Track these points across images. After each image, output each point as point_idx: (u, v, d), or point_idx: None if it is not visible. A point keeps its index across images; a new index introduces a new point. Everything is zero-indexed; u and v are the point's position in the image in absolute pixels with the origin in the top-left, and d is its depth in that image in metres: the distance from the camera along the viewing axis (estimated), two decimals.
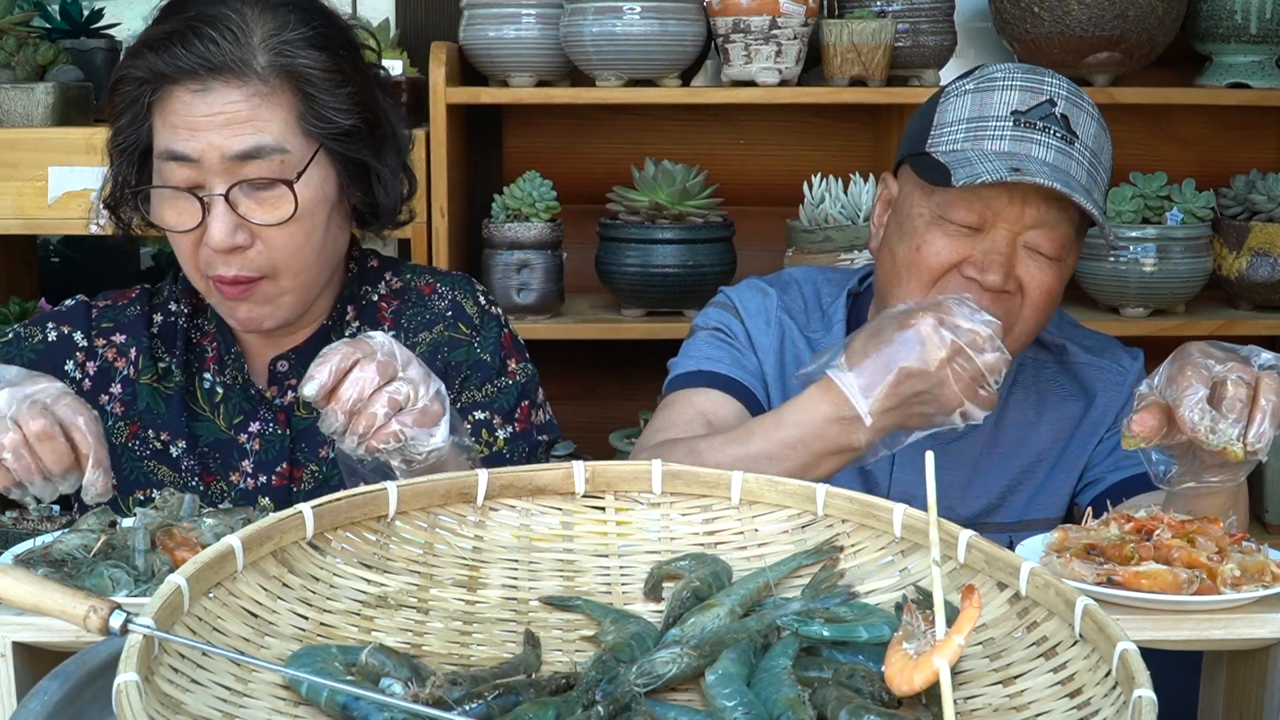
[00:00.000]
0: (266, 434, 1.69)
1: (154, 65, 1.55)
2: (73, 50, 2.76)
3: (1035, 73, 1.69)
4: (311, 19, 1.60)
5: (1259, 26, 2.66)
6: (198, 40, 1.54)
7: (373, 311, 1.75)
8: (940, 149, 1.67)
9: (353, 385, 1.35)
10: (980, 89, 1.69)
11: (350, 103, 1.60)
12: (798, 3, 2.53)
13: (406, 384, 1.36)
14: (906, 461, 1.77)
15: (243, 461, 1.69)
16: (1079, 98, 1.69)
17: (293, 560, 1.10)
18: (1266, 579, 1.27)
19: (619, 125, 2.94)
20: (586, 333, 2.68)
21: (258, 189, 1.56)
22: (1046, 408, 1.81)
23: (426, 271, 1.82)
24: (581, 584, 1.19)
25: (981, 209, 1.63)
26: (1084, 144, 1.66)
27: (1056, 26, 2.58)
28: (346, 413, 1.35)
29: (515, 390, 1.74)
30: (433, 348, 1.71)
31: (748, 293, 1.88)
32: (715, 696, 1.00)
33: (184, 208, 1.57)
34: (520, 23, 2.64)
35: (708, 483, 1.24)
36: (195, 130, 1.54)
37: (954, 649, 0.96)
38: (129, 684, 0.86)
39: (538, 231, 2.61)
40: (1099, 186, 1.68)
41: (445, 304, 1.76)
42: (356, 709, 0.96)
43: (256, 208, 1.56)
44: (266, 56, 1.55)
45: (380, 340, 1.39)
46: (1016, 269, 1.64)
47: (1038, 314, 1.67)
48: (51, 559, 1.26)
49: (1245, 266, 2.70)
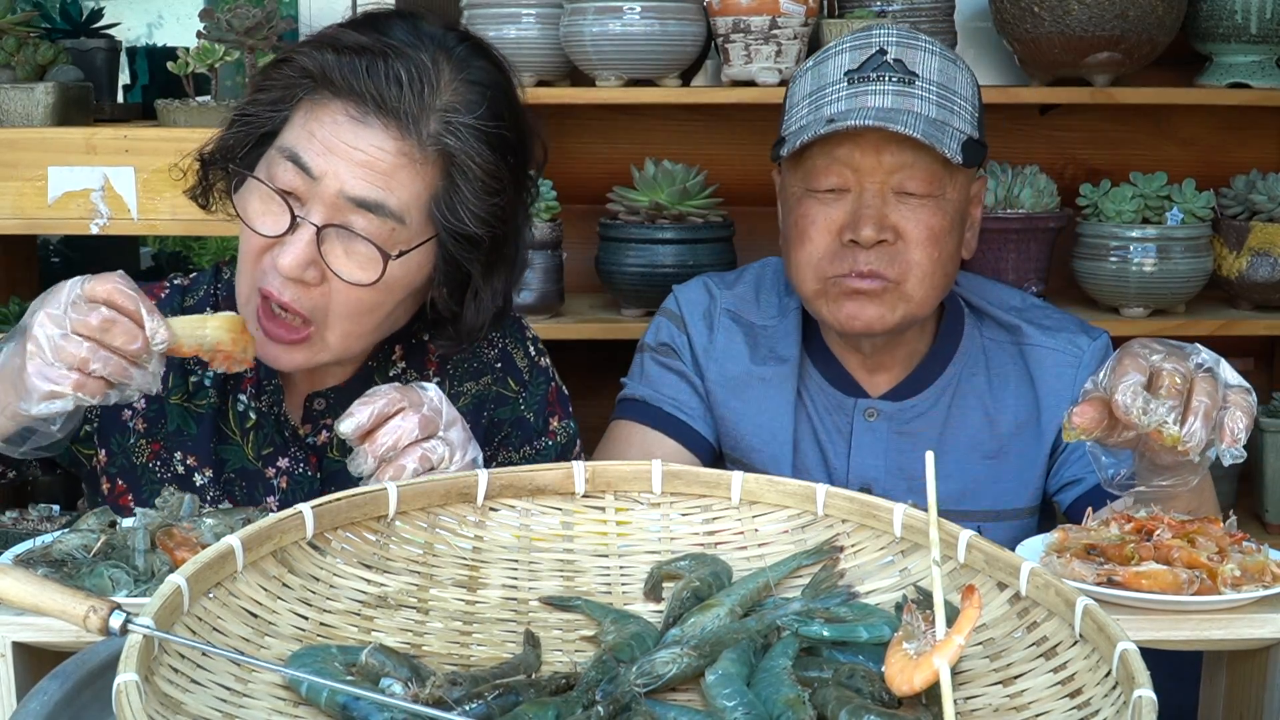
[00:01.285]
0: (295, 473, 1.61)
1: (328, 68, 1.44)
2: (73, 50, 2.76)
3: (865, 31, 1.73)
4: (500, 115, 1.50)
5: (1259, 26, 2.66)
6: (384, 71, 1.43)
7: (421, 353, 1.66)
8: (791, 128, 1.73)
9: (391, 433, 1.32)
10: (818, 62, 1.74)
11: (490, 213, 1.50)
12: (798, 3, 2.53)
13: (444, 445, 1.34)
14: (863, 445, 1.81)
15: (268, 497, 1.61)
16: (913, 40, 1.71)
17: (293, 560, 1.10)
18: (1266, 579, 1.27)
19: (619, 125, 2.94)
20: (586, 333, 2.67)
21: (353, 238, 1.44)
22: (1006, 392, 1.81)
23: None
24: (581, 584, 1.19)
25: (840, 169, 1.68)
26: (926, 80, 1.68)
27: (1056, 26, 2.58)
28: (378, 458, 1.33)
29: (554, 452, 1.71)
30: (478, 400, 1.66)
31: (694, 294, 1.92)
32: (715, 696, 1.00)
33: (274, 211, 1.45)
34: (520, 23, 2.64)
35: (708, 483, 1.24)
36: (331, 151, 1.43)
37: (954, 649, 0.96)
38: (129, 684, 0.86)
39: (538, 231, 2.61)
40: (960, 113, 1.69)
41: (495, 353, 1.70)
42: (356, 709, 0.96)
43: (342, 256, 1.45)
44: (438, 125, 1.45)
45: (431, 394, 1.36)
46: (891, 217, 1.68)
47: (926, 254, 1.68)
48: (51, 559, 1.26)
49: (1245, 266, 2.70)
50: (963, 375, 1.81)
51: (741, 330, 1.87)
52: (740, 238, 2.71)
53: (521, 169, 1.54)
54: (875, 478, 1.80)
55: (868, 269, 1.67)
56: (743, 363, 1.84)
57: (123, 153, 2.34)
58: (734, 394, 1.84)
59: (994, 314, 1.85)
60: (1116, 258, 2.65)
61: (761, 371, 1.83)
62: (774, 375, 1.83)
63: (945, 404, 1.81)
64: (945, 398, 1.81)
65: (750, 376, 1.84)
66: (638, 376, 1.90)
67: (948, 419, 1.80)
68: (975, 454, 1.80)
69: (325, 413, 1.62)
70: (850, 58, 1.70)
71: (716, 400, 1.85)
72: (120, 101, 3.05)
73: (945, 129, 1.66)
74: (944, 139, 1.64)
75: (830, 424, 1.82)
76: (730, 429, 1.85)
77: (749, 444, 1.83)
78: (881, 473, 1.80)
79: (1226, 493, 2.79)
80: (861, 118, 1.62)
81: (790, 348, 1.83)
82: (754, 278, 1.92)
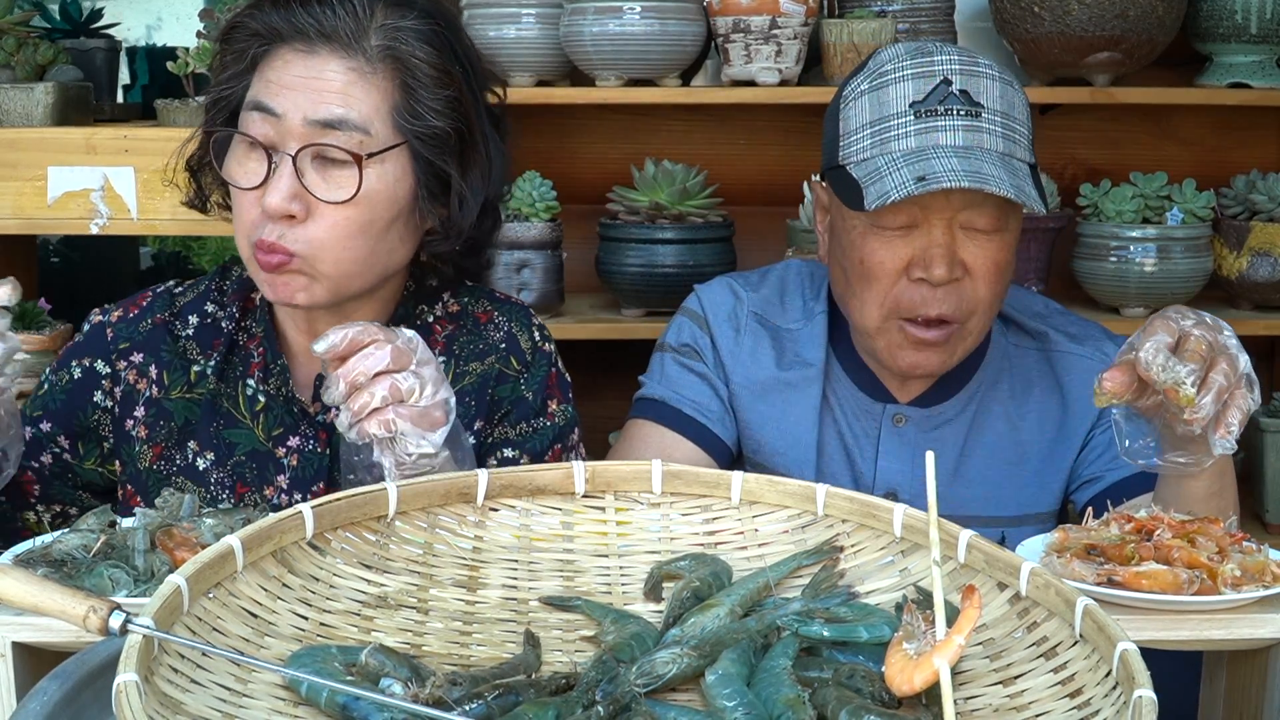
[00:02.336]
0: (306, 450, 1.65)
1: (270, 20, 1.54)
2: (73, 50, 2.76)
3: (923, 54, 1.67)
4: (434, 18, 1.59)
5: (1259, 26, 2.66)
6: (318, 4, 1.53)
7: (426, 333, 1.69)
8: (852, 160, 1.67)
9: (361, 359, 1.34)
10: (875, 87, 1.68)
11: (447, 105, 1.57)
12: (798, 3, 2.53)
13: (414, 379, 1.35)
14: (890, 451, 1.79)
15: (278, 476, 1.65)
16: (974, 65, 1.67)
17: (293, 560, 1.10)
18: (1266, 579, 1.27)
19: (619, 125, 2.95)
20: (586, 333, 2.67)
21: (328, 165, 1.52)
22: (1030, 399, 1.81)
23: (485, 297, 1.76)
24: (581, 584, 1.19)
25: (910, 209, 1.64)
26: (991, 110, 1.65)
27: (1056, 26, 2.58)
28: (349, 383, 1.34)
29: (551, 433, 1.71)
30: (482, 379, 1.68)
31: (720, 296, 1.88)
32: (715, 696, 1.00)
33: (252, 163, 1.54)
34: (520, 22, 2.64)
35: (708, 483, 1.24)
36: (287, 88, 1.52)
37: (954, 649, 0.96)
38: (129, 684, 0.86)
39: (538, 231, 2.61)
40: (1019, 142, 1.67)
41: (501, 335, 1.72)
42: (356, 709, 0.96)
43: (321, 181, 1.52)
44: (379, 38, 1.54)
45: (408, 334, 1.38)
46: (959, 253, 1.65)
47: (991, 289, 1.68)
48: (51, 559, 1.26)
49: (1245, 266, 2.70)
50: (988, 381, 1.81)
51: (768, 334, 1.84)
52: (740, 238, 2.71)
53: (466, 60, 1.62)
54: (901, 484, 1.79)
55: (936, 314, 1.66)
56: (769, 367, 1.82)
57: (122, 153, 2.35)
58: (759, 398, 1.82)
59: (1020, 320, 1.84)
60: (1116, 258, 2.65)
61: (788, 376, 1.81)
62: (800, 380, 1.81)
63: (972, 410, 1.80)
64: (972, 404, 1.80)
65: (776, 381, 1.82)
66: (657, 376, 1.87)
67: (973, 424, 1.80)
68: (999, 459, 1.80)
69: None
70: (914, 87, 1.65)
71: (740, 404, 1.83)
72: (120, 101, 3.05)
73: (1012, 164, 1.64)
74: (1022, 183, 1.62)
75: (858, 429, 1.81)
76: (753, 433, 1.83)
77: (772, 448, 1.81)
78: (908, 479, 1.79)
79: None
80: (946, 172, 1.59)
81: (816, 351, 1.82)
82: (778, 280, 1.90)
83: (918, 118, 1.64)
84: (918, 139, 1.63)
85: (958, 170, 1.59)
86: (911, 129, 1.64)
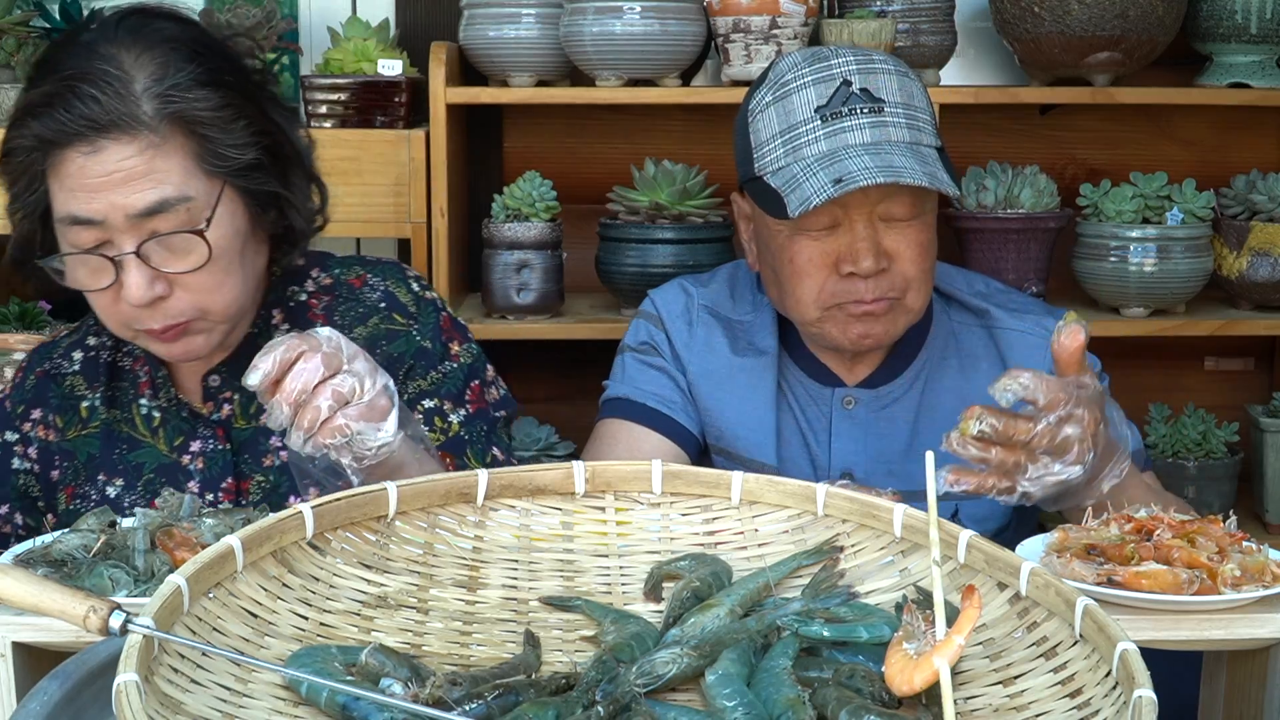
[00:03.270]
0: (209, 451, 1.67)
1: (39, 132, 1.49)
2: None
3: (820, 59, 1.74)
4: (194, 56, 1.54)
5: (1259, 26, 2.66)
6: (78, 101, 1.47)
7: (302, 311, 1.71)
8: (768, 170, 1.74)
9: (297, 377, 1.33)
10: (779, 97, 1.74)
11: (247, 135, 1.55)
12: (798, 3, 2.53)
13: (352, 377, 1.35)
14: (843, 433, 1.85)
15: (189, 483, 1.66)
16: (869, 63, 1.73)
17: (293, 560, 1.10)
18: (1266, 579, 1.27)
19: (619, 125, 2.94)
20: (586, 333, 2.67)
21: (168, 239, 1.51)
22: (978, 374, 1.85)
23: (355, 263, 1.78)
24: (581, 584, 1.19)
25: (831, 210, 1.71)
26: (893, 104, 1.72)
27: (1056, 26, 2.58)
28: (291, 404, 1.33)
29: (462, 372, 1.72)
30: (370, 341, 1.69)
31: (672, 295, 1.96)
32: (715, 696, 1.00)
33: (95, 267, 1.52)
34: (520, 23, 2.64)
35: (708, 483, 1.24)
36: (94, 192, 1.48)
37: (954, 649, 0.96)
38: (129, 684, 0.86)
39: (538, 231, 2.61)
40: (923, 129, 1.74)
41: (378, 295, 1.73)
42: (356, 709, 0.96)
43: (170, 257, 1.51)
44: (152, 105, 1.49)
45: (326, 334, 1.37)
46: (883, 243, 1.72)
47: (919, 269, 1.74)
48: (51, 559, 1.26)
49: (1245, 266, 2.70)
50: (934, 359, 1.87)
51: (720, 325, 1.91)
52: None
53: (244, 80, 1.59)
54: (856, 464, 1.84)
55: (871, 298, 1.73)
56: (724, 355, 1.89)
57: None
58: (717, 386, 1.88)
59: (961, 298, 1.90)
60: (1116, 258, 2.65)
61: (743, 363, 1.88)
62: (755, 366, 1.87)
63: (919, 388, 1.86)
64: (919, 382, 1.86)
65: (732, 368, 1.88)
66: (619, 377, 1.94)
67: (922, 402, 1.85)
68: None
69: (223, 386, 1.68)
70: (816, 92, 1.71)
71: (700, 393, 1.89)
72: None
73: (920, 151, 1.71)
74: (933, 169, 1.69)
75: (812, 414, 1.87)
76: (714, 420, 1.88)
77: (733, 434, 1.87)
78: (862, 458, 1.85)
79: (1227, 493, 2.79)
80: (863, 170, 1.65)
81: (768, 340, 1.88)
82: (727, 276, 1.97)
83: (824, 121, 1.71)
84: (828, 142, 1.70)
85: (871, 168, 1.65)
86: (820, 133, 1.70)
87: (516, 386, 3.05)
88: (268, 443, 1.66)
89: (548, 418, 2.82)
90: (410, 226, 2.57)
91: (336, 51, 2.66)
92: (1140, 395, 2.90)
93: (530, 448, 2.69)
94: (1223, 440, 2.78)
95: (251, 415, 1.66)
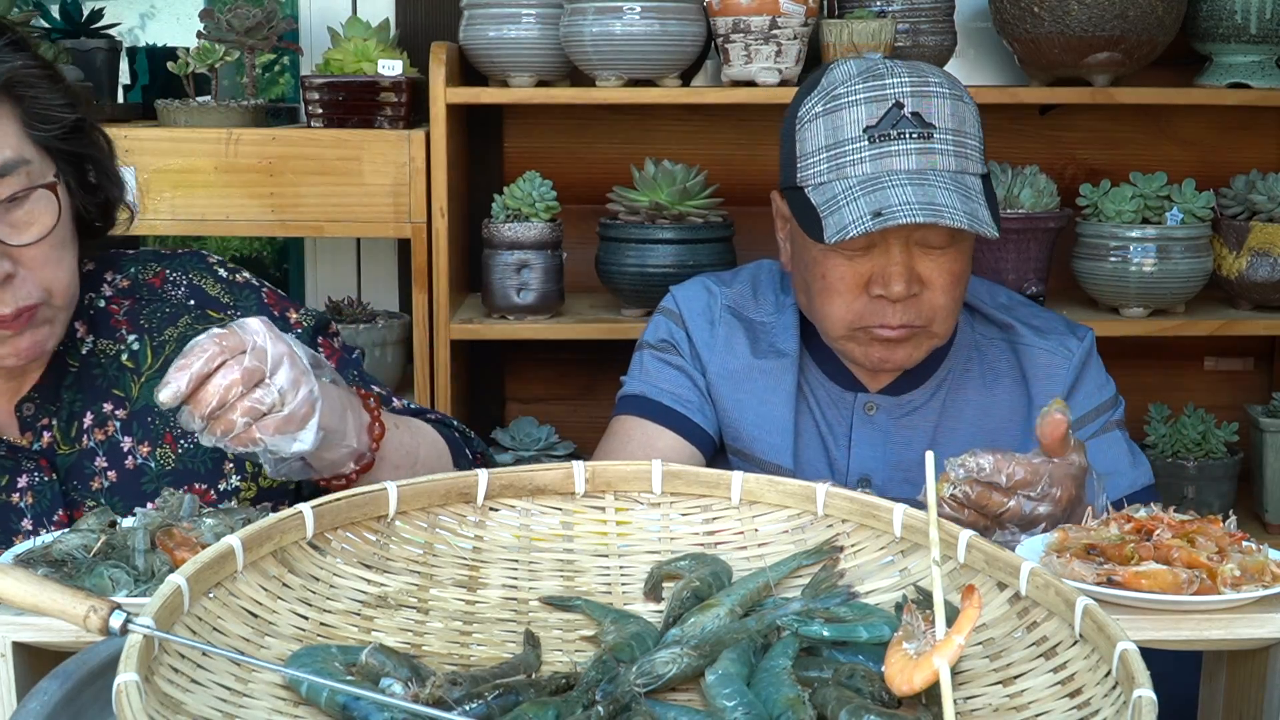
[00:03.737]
0: (36, 485, 1.57)
1: None
2: (73, 50, 2.76)
3: (875, 76, 1.71)
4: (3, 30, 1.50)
5: (1259, 26, 2.66)
6: None
7: (105, 319, 1.62)
8: (810, 183, 1.72)
9: (214, 393, 1.29)
10: (829, 110, 1.72)
11: (66, 97, 1.51)
12: (798, 3, 2.53)
13: (273, 392, 1.31)
14: (863, 439, 1.84)
15: (21, 521, 1.57)
16: (924, 85, 1.71)
17: (293, 560, 1.10)
18: (1266, 579, 1.27)
19: (619, 125, 2.94)
20: (586, 333, 2.67)
21: (7, 211, 1.45)
22: (1000, 388, 1.85)
23: (151, 259, 1.68)
24: (581, 584, 1.19)
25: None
26: (944, 129, 1.69)
27: (1056, 26, 2.58)
28: (205, 418, 1.30)
29: (308, 336, 1.65)
30: (184, 341, 1.56)
31: (694, 293, 1.94)
32: (715, 696, 1.00)
33: None
34: (520, 23, 2.64)
35: (708, 483, 1.24)
36: None
37: (954, 649, 0.96)
38: (129, 684, 0.86)
39: (538, 231, 2.61)
40: (971, 156, 1.72)
41: (183, 292, 1.65)
42: (356, 709, 0.96)
43: (12, 230, 1.45)
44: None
45: (254, 331, 1.32)
46: (916, 267, 1.71)
47: (950, 297, 1.73)
48: (51, 559, 1.26)
49: (1245, 266, 2.70)
50: (957, 370, 1.86)
51: (742, 325, 1.90)
52: (740, 238, 2.71)
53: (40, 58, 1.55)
54: (875, 470, 1.84)
55: (898, 324, 1.72)
56: (744, 356, 1.87)
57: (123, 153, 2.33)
58: (736, 386, 1.87)
59: (985, 310, 1.89)
60: (1116, 258, 2.65)
61: (763, 364, 1.87)
62: (775, 368, 1.86)
63: (941, 398, 1.85)
64: (941, 391, 1.85)
65: (752, 369, 1.87)
66: (637, 374, 1.92)
67: (943, 412, 1.85)
68: (969, 446, 1.82)
69: (39, 413, 1.59)
70: (867, 111, 1.69)
71: (719, 393, 1.87)
72: (120, 101, 3.05)
73: (964, 182, 1.69)
74: (975, 206, 1.66)
75: (832, 417, 1.86)
76: (732, 421, 1.87)
77: (751, 435, 1.86)
78: (881, 465, 1.84)
79: (1226, 493, 2.79)
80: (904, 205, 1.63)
81: (790, 342, 1.87)
82: (750, 277, 1.96)
83: (871, 143, 1.69)
84: (872, 164, 1.68)
85: (912, 203, 1.63)
86: (866, 154, 1.69)
87: (517, 386, 3.07)
88: (93, 465, 1.58)
89: (548, 418, 2.82)
90: (410, 226, 2.57)
91: (336, 51, 2.66)
92: (1140, 395, 2.90)
93: (530, 448, 2.69)
94: (1222, 440, 2.78)
95: (73, 439, 1.58)
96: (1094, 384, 1.85)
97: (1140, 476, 1.81)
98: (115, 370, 1.61)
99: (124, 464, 1.58)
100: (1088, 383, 1.84)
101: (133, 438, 1.59)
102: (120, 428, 1.59)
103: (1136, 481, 1.80)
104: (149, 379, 1.60)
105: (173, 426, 1.59)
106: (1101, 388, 1.85)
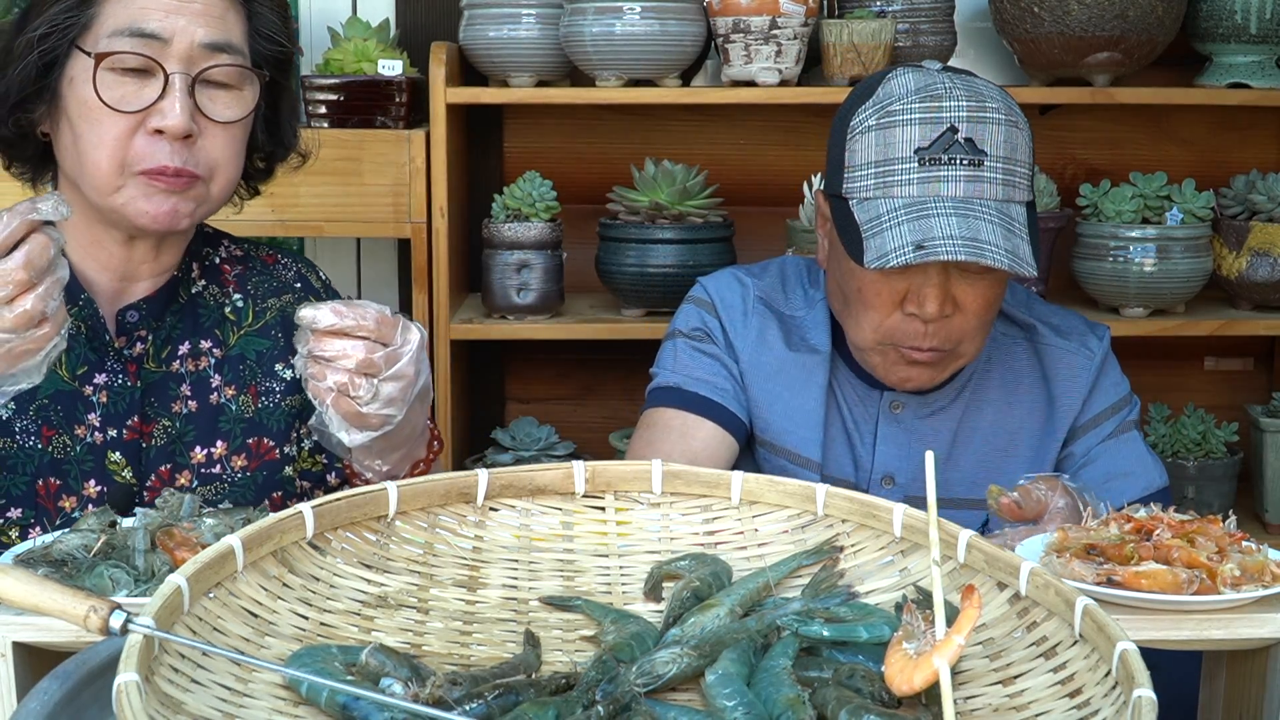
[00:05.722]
0: (115, 386, 1.62)
1: None
2: None
3: (932, 97, 1.70)
4: None
5: (1259, 26, 2.66)
6: None
7: (216, 273, 1.72)
8: (855, 196, 1.71)
9: (334, 349, 1.38)
10: (882, 125, 1.71)
11: (285, 29, 1.63)
12: (798, 3, 2.53)
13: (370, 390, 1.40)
14: (888, 437, 1.84)
15: (89, 415, 1.60)
16: (981, 110, 1.70)
17: (293, 560, 1.10)
18: (1266, 579, 1.27)
19: (619, 125, 2.94)
20: (586, 333, 2.67)
21: (211, 87, 1.55)
22: (1020, 388, 1.86)
23: (265, 245, 1.81)
24: (581, 584, 1.19)
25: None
26: (994, 157, 1.68)
27: (1056, 26, 2.58)
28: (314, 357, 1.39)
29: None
30: (283, 313, 1.72)
31: (725, 283, 1.93)
32: (715, 696, 1.00)
33: (134, 85, 1.52)
34: (520, 23, 2.64)
35: (708, 483, 1.24)
36: (172, 12, 1.52)
37: (954, 649, 0.96)
38: (129, 684, 0.86)
39: (538, 231, 2.61)
40: (1018, 184, 1.71)
41: (292, 275, 1.77)
42: (356, 709, 0.96)
43: (211, 104, 1.55)
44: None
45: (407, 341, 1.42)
46: (952, 290, 1.70)
47: (982, 321, 1.74)
48: (51, 559, 1.26)
49: (1245, 266, 2.70)
50: (980, 370, 1.86)
51: (775, 317, 1.89)
52: (740, 238, 2.71)
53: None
54: (898, 468, 1.84)
55: (927, 346, 1.73)
56: (778, 349, 1.87)
57: None
58: (769, 378, 1.86)
59: (1007, 310, 1.89)
60: (1116, 258, 2.65)
61: (797, 358, 1.86)
62: (808, 363, 1.86)
63: (965, 399, 1.85)
64: (965, 392, 1.86)
65: (786, 362, 1.86)
66: (669, 364, 1.90)
67: (966, 411, 1.85)
68: (990, 446, 1.85)
69: (139, 324, 1.64)
70: (920, 133, 1.68)
71: (750, 383, 1.87)
72: None
73: (1010, 212, 1.68)
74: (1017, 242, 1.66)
75: (859, 414, 1.86)
76: (762, 413, 1.87)
77: (781, 428, 1.85)
78: (905, 464, 1.84)
79: (1226, 493, 2.79)
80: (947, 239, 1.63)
81: (822, 338, 1.87)
82: (778, 270, 1.95)
83: (921, 165, 1.68)
84: (920, 187, 1.68)
85: (955, 238, 1.63)
86: (915, 176, 1.68)
87: (517, 386, 3.07)
88: (178, 389, 1.64)
89: (548, 418, 2.82)
90: (410, 226, 2.57)
91: (336, 51, 2.66)
92: (1140, 395, 2.88)
93: (530, 448, 2.69)
94: (1222, 440, 2.78)
95: (163, 360, 1.65)
96: (1110, 382, 1.86)
97: (1156, 478, 1.82)
98: (218, 316, 1.70)
99: (208, 399, 1.66)
100: (1106, 381, 1.86)
101: (222, 377, 1.67)
102: (213, 365, 1.67)
103: (1152, 483, 1.81)
104: (248, 333, 1.70)
105: (260, 380, 1.68)
106: (1117, 385, 1.87)
